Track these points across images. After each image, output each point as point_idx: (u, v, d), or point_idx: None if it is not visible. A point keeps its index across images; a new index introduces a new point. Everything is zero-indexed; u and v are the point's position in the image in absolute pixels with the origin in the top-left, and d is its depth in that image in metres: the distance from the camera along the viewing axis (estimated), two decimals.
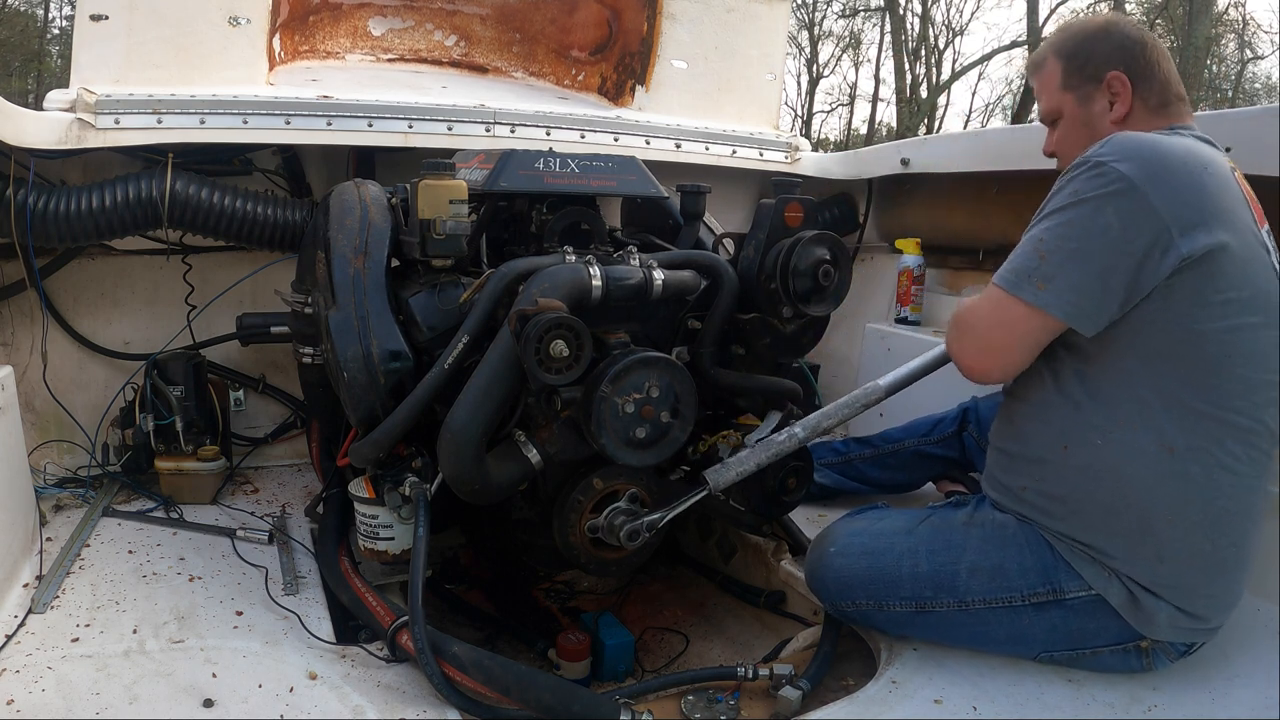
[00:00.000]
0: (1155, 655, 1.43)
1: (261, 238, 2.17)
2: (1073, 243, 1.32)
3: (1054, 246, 1.34)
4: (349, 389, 1.60)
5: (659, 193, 1.97)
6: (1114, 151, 1.33)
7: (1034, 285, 1.34)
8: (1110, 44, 1.49)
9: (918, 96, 21.60)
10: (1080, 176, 1.34)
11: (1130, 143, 1.34)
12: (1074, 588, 1.42)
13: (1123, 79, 1.47)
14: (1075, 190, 1.34)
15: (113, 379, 2.34)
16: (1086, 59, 1.50)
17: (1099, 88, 1.50)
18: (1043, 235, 1.36)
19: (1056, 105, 1.56)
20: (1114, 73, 1.47)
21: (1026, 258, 1.37)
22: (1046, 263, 1.34)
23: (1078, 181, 1.34)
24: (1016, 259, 1.39)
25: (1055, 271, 1.33)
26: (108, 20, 2.06)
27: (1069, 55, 1.53)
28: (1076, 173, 1.36)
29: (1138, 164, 1.30)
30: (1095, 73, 1.49)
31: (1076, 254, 1.32)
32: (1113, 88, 1.48)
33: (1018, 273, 1.37)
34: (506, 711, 1.34)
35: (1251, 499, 1.40)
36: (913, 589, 1.48)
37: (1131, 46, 1.48)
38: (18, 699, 1.29)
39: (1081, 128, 1.53)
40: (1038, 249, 1.35)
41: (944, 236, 2.78)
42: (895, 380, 1.74)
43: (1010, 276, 1.37)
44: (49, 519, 1.94)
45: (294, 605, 1.62)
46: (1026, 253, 1.37)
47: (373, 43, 2.87)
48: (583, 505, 1.64)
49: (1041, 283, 1.33)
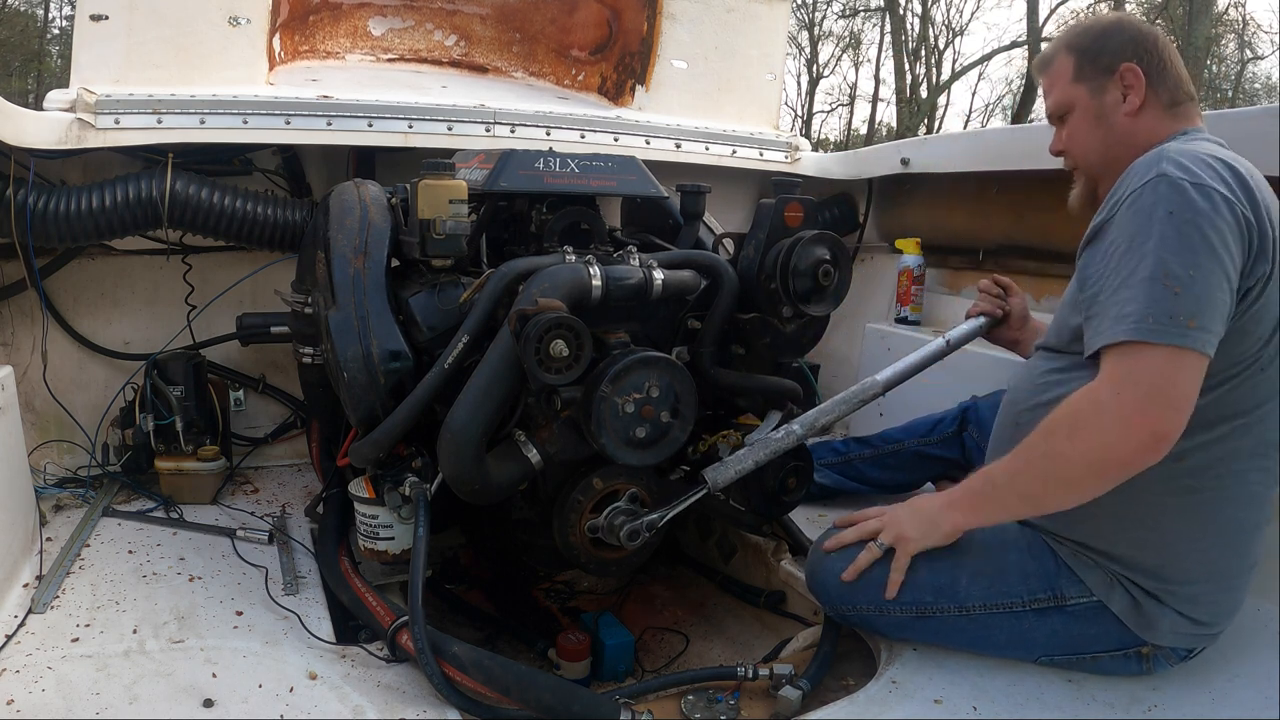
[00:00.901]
0: (1156, 660, 1.43)
1: (261, 238, 2.17)
2: (1200, 267, 1.21)
3: (1184, 277, 1.21)
4: (349, 389, 1.60)
5: (659, 193, 1.97)
6: (1182, 165, 1.26)
7: (1183, 326, 1.20)
8: (1123, 36, 1.46)
9: (918, 96, 21.60)
10: (1163, 198, 1.24)
11: (1189, 157, 1.28)
12: (1075, 593, 1.42)
13: (1136, 71, 1.43)
14: (1170, 213, 1.23)
15: (113, 379, 2.34)
16: (1099, 51, 1.47)
17: (1112, 79, 1.45)
18: (1164, 267, 1.22)
19: (1068, 99, 1.51)
20: (1128, 64, 1.44)
21: (1158, 298, 1.21)
22: (1184, 296, 1.21)
23: (1163, 203, 1.24)
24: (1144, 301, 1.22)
25: (1196, 305, 1.21)
26: (108, 20, 2.06)
27: (1081, 49, 1.49)
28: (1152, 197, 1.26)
29: (1216, 176, 1.25)
30: (1109, 64, 1.45)
31: (1209, 277, 1.21)
32: (1126, 79, 1.44)
33: (1156, 316, 1.21)
34: (506, 711, 1.34)
35: (1261, 508, 1.40)
36: (913, 594, 1.47)
37: (1144, 40, 1.45)
38: (18, 699, 1.29)
39: (1095, 121, 1.48)
40: (1166, 284, 1.21)
41: (944, 236, 2.78)
42: (893, 376, 1.75)
43: (1149, 324, 1.21)
44: (49, 519, 1.94)
45: (294, 605, 1.62)
46: (1155, 294, 1.22)
47: (373, 43, 2.87)
48: (583, 505, 1.64)
49: (1190, 320, 1.20)
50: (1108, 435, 1.24)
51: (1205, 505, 1.35)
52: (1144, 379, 1.22)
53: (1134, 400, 1.22)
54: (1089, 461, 1.27)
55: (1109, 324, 1.26)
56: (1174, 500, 1.35)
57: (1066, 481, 1.31)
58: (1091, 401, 1.27)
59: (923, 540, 1.46)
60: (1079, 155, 1.53)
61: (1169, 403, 1.22)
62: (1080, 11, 17.75)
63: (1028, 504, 1.39)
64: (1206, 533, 1.36)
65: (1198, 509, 1.35)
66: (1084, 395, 1.28)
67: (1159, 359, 1.21)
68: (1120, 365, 1.24)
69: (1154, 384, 1.22)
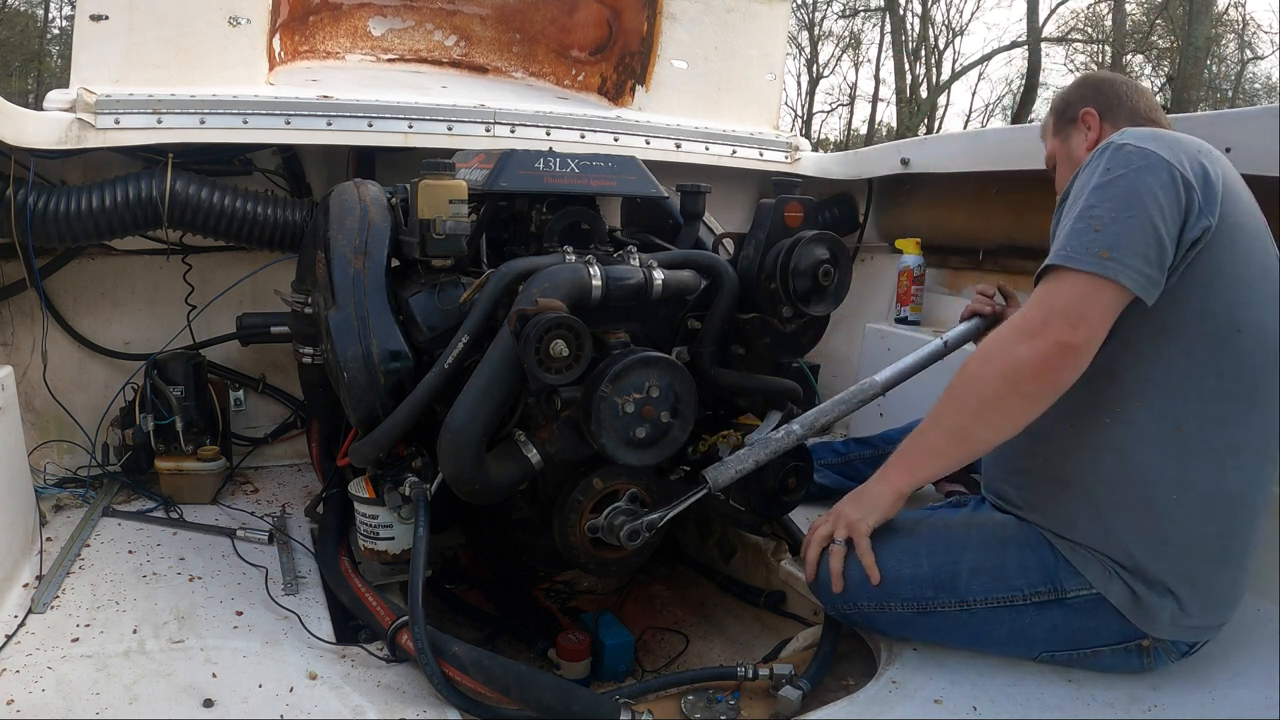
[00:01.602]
0: (1156, 655, 1.43)
1: (261, 238, 2.17)
2: (1123, 210, 1.31)
3: (1106, 218, 1.32)
4: (349, 389, 1.60)
5: (659, 193, 1.97)
6: (1130, 137, 1.37)
7: (1097, 255, 1.30)
8: (1083, 89, 1.68)
9: (918, 96, 21.60)
10: (1105, 159, 1.37)
11: (1140, 130, 1.41)
12: (1075, 586, 1.42)
13: (1092, 113, 1.63)
14: (1107, 169, 1.35)
15: (113, 379, 2.34)
16: (1065, 106, 1.69)
17: (1076, 126, 1.66)
18: (1092, 210, 1.34)
19: (1051, 151, 1.74)
20: (1085, 110, 1.64)
21: (1080, 234, 1.33)
22: (1104, 233, 1.31)
23: (1104, 163, 1.36)
24: (1069, 237, 1.34)
25: (1114, 240, 1.30)
26: (108, 20, 2.06)
27: (1055, 110, 1.72)
28: (1099, 160, 1.38)
29: (1157, 143, 1.35)
30: (1072, 114, 1.66)
31: (1130, 220, 1.30)
32: (1086, 122, 1.64)
33: (1074, 247, 1.33)
34: (506, 711, 1.34)
35: (1258, 484, 1.41)
36: (914, 590, 1.48)
37: (1100, 85, 1.66)
38: (18, 699, 1.29)
39: (1066, 161, 1.68)
40: (1090, 224, 1.33)
41: (944, 236, 2.78)
42: (892, 376, 1.75)
43: (1067, 253, 1.33)
44: (49, 519, 1.94)
45: (294, 605, 1.62)
46: (1078, 230, 1.33)
47: (373, 43, 2.87)
48: (583, 505, 1.64)
49: (1105, 251, 1.30)
50: (1017, 348, 1.34)
51: (1201, 475, 1.37)
52: (1054, 300, 1.33)
53: (1040, 315, 1.33)
54: (1002, 374, 1.35)
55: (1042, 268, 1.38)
56: (1171, 468, 1.37)
57: (985, 401, 1.37)
58: (1006, 326, 1.41)
59: (869, 517, 1.51)
60: None
61: (1074, 317, 1.30)
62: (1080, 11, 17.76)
63: (957, 440, 1.43)
64: (1202, 503, 1.37)
65: (1194, 479, 1.37)
66: (1005, 325, 1.42)
67: (1072, 283, 1.32)
68: (1037, 292, 1.36)
69: (1061, 304, 1.32)
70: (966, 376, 1.40)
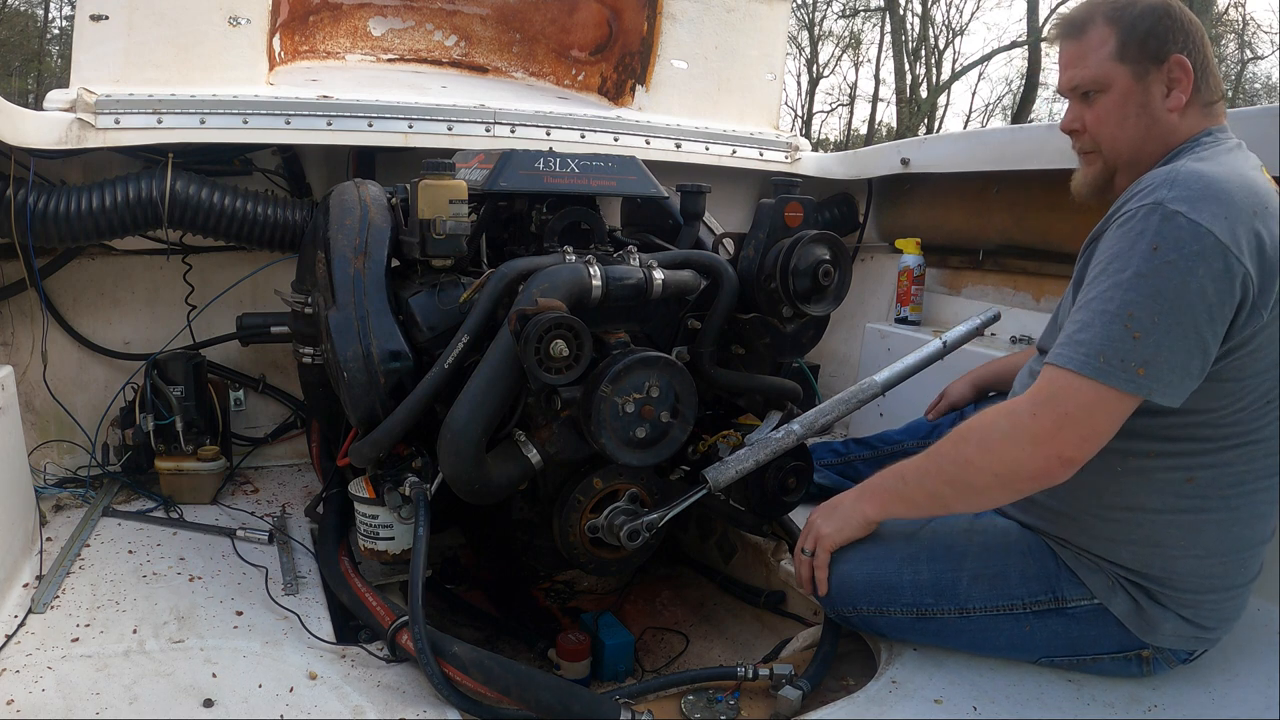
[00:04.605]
0: (1156, 663, 1.43)
1: (261, 238, 2.17)
2: (1168, 316, 1.17)
3: (1147, 322, 1.18)
4: (349, 389, 1.60)
5: (659, 193, 1.97)
6: (1183, 200, 1.19)
7: (1132, 371, 1.18)
8: (1173, 23, 1.34)
9: (918, 96, 21.60)
10: (1153, 231, 1.20)
11: (1197, 186, 1.21)
12: (1076, 596, 1.41)
13: (1186, 65, 1.33)
14: (1154, 248, 1.18)
15: (113, 379, 2.34)
16: (1148, 33, 1.34)
17: (1159, 69, 1.34)
18: (1130, 308, 1.19)
19: (1105, 76, 1.37)
20: (1178, 56, 1.33)
21: (1116, 339, 1.19)
22: (1142, 343, 1.18)
23: (1151, 237, 1.19)
24: (1100, 337, 1.20)
25: (1154, 354, 1.18)
26: (108, 20, 2.06)
27: (1128, 25, 1.35)
28: (1144, 225, 1.21)
29: (1214, 212, 1.18)
30: (1158, 50, 1.34)
31: (1174, 329, 1.17)
32: (1173, 73, 1.34)
33: (1107, 356, 1.19)
34: (506, 711, 1.34)
35: (1267, 523, 1.39)
36: (913, 595, 1.47)
37: (1193, 32, 1.35)
38: (18, 699, 1.29)
39: (1137, 110, 1.36)
40: (1128, 327, 1.18)
41: (944, 236, 2.78)
42: (892, 376, 1.75)
43: (1098, 362, 1.20)
44: (49, 519, 1.94)
45: (294, 605, 1.62)
46: (1114, 333, 1.19)
47: (373, 43, 2.87)
48: (583, 505, 1.64)
49: (1141, 368, 1.18)
50: (1018, 451, 1.26)
51: (1212, 524, 1.34)
52: (1063, 406, 1.23)
53: (1050, 423, 1.23)
54: (995, 472, 1.30)
55: (1061, 343, 1.25)
56: (1181, 518, 1.34)
57: (972, 487, 1.34)
58: (1009, 415, 1.29)
59: (837, 534, 1.51)
60: (1106, 141, 1.41)
61: (1087, 431, 1.23)
62: None
63: (935, 503, 1.41)
64: (1212, 550, 1.35)
65: (1205, 527, 1.34)
66: (1003, 409, 1.31)
67: (1087, 393, 1.22)
68: (1051, 385, 1.25)
69: (1071, 414, 1.22)
70: (961, 459, 1.33)
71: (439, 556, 2.22)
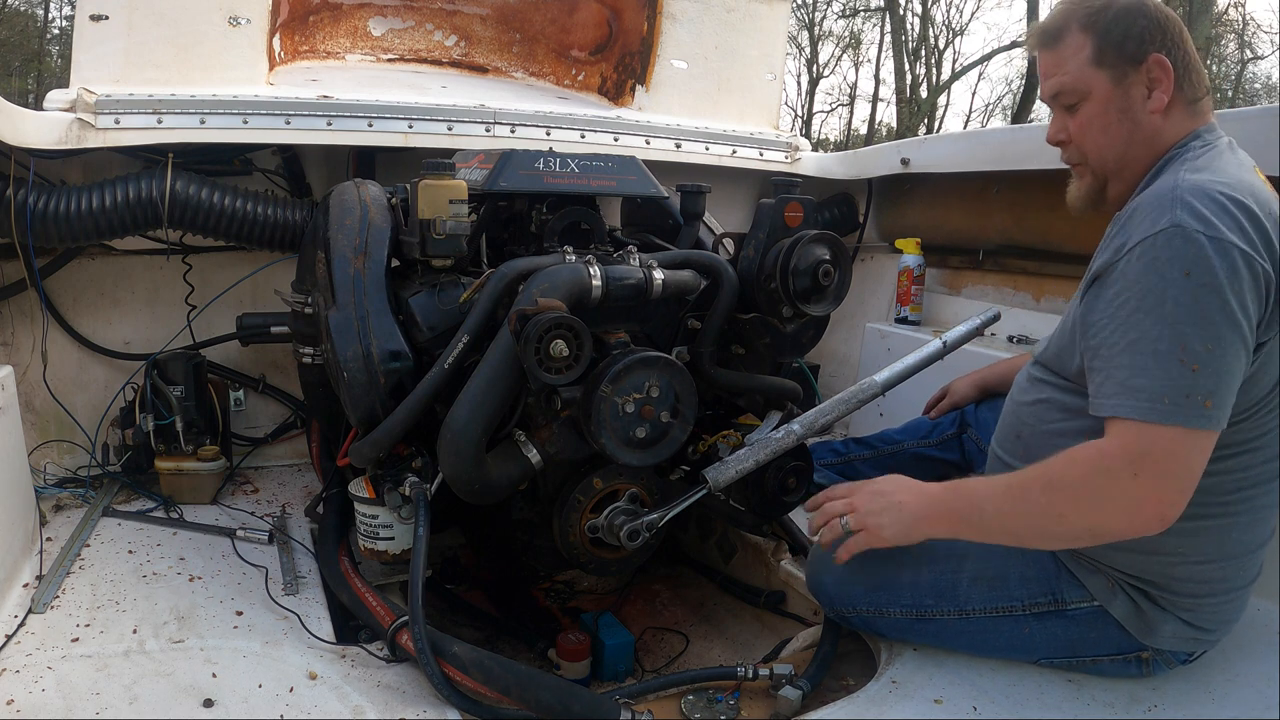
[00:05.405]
0: (1155, 665, 1.43)
1: (261, 238, 2.17)
2: (1219, 341, 1.16)
3: (1201, 353, 1.16)
4: (349, 389, 1.60)
5: (659, 193, 1.97)
6: (1199, 215, 1.18)
7: (1200, 406, 1.16)
8: (1148, 22, 1.32)
9: (918, 96, 21.61)
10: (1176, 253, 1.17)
11: (1205, 200, 1.19)
12: (1075, 598, 1.41)
13: (1165, 64, 1.31)
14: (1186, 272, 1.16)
15: (113, 379, 2.34)
16: (1124, 35, 1.32)
17: (1137, 71, 1.33)
18: (1182, 340, 1.16)
19: (1084, 83, 1.35)
20: (1156, 55, 1.31)
21: (1176, 376, 1.16)
22: (1202, 375, 1.16)
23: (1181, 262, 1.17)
24: (1159, 380, 1.17)
25: (1215, 384, 1.16)
26: (108, 20, 2.06)
27: (1103, 29, 1.33)
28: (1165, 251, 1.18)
29: (1234, 226, 1.18)
30: (1135, 52, 1.32)
31: (1226, 352, 1.16)
32: (1152, 73, 1.32)
33: (1173, 397, 1.16)
34: (506, 711, 1.34)
35: (1266, 526, 1.39)
36: (913, 596, 1.47)
37: (1170, 29, 1.33)
38: (18, 699, 1.29)
39: (1118, 114, 1.35)
40: (1184, 360, 1.16)
41: (944, 236, 2.78)
42: (891, 376, 1.75)
43: (1164, 405, 1.16)
44: (49, 519, 1.94)
45: (294, 605, 1.62)
46: (1171, 370, 1.16)
47: (373, 43, 2.87)
48: (583, 505, 1.64)
49: (1208, 400, 1.16)
50: (1118, 513, 1.21)
51: (1211, 530, 1.34)
52: (1161, 463, 1.18)
53: (1151, 483, 1.18)
54: (1089, 527, 1.25)
55: (1117, 391, 1.20)
56: (1180, 525, 1.32)
57: (1059, 537, 1.31)
58: (1106, 475, 1.21)
59: (892, 540, 1.39)
60: (1091, 151, 1.40)
61: (1182, 487, 1.19)
62: None
63: (1010, 539, 1.36)
64: (1212, 554, 1.35)
65: (1203, 533, 1.34)
66: (1097, 464, 1.22)
67: (1175, 441, 1.17)
68: (1137, 443, 1.19)
69: (1170, 469, 1.18)
70: (1054, 512, 1.26)
71: (439, 556, 2.22)
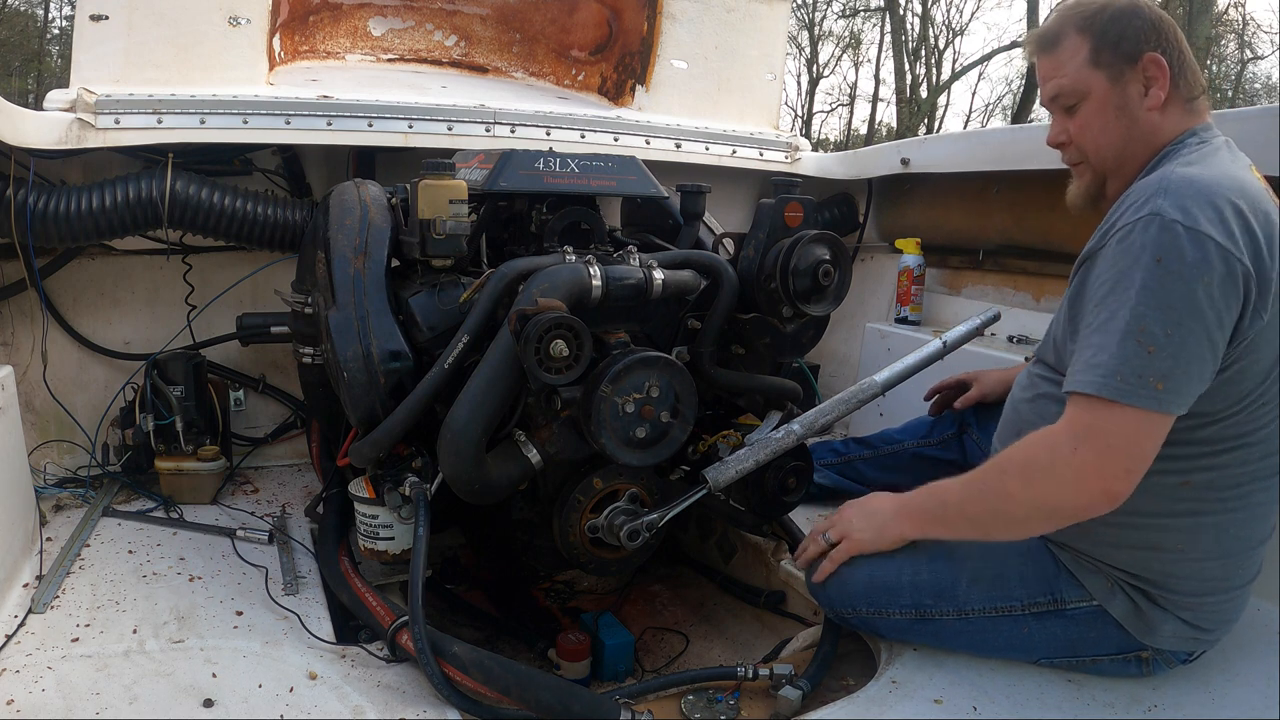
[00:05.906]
0: (1155, 664, 1.43)
1: (261, 238, 2.17)
2: (1179, 327, 1.17)
3: (1160, 336, 1.18)
4: (349, 389, 1.60)
5: (659, 193, 1.97)
6: (1177, 207, 1.20)
7: (1150, 387, 1.18)
8: (1142, 22, 1.36)
9: (918, 96, 21.61)
10: (1153, 241, 1.19)
11: (1189, 191, 1.21)
12: (1075, 598, 1.41)
13: (1161, 62, 1.34)
14: (1157, 260, 1.18)
15: (113, 379, 2.34)
16: (1120, 36, 1.35)
17: (1133, 69, 1.35)
18: (1143, 322, 1.18)
19: (1082, 84, 1.39)
20: (1151, 54, 1.34)
21: (1131, 357, 1.19)
22: (1158, 357, 1.18)
23: (1153, 248, 1.19)
24: (1116, 356, 1.19)
25: (1170, 367, 1.18)
26: (108, 20, 2.06)
27: (1099, 31, 1.37)
28: (1143, 237, 1.20)
29: (1214, 220, 1.19)
30: (1131, 51, 1.35)
31: (1187, 339, 1.18)
32: (1149, 71, 1.35)
33: (1124, 375, 1.19)
34: (506, 711, 1.34)
35: (1265, 523, 1.39)
36: (913, 597, 1.47)
37: (1164, 29, 1.36)
38: (18, 699, 1.29)
39: (1116, 113, 1.37)
40: (1142, 342, 1.18)
41: (944, 236, 2.78)
42: (891, 376, 1.75)
43: (1115, 381, 1.19)
44: (49, 519, 1.94)
45: (294, 605, 1.62)
46: (1128, 351, 1.19)
47: (373, 43, 2.87)
48: (583, 505, 1.64)
49: (1160, 382, 1.18)
50: (1061, 487, 1.25)
51: (1210, 527, 1.34)
52: (1105, 439, 1.21)
53: (1093, 458, 1.21)
54: (1038, 506, 1.29)
55: (1079, 369, 1.24)
56: (1179, 522, 1.34)
57: (1013, 519, 1.34)
58: (1049, 450, 1.26)
59: (870, 544, 1.49)
60: (1091, 149, 1.42)
61: (1127, 465, 1.21)
62: None
63: (975, 530, 1.41)
64: (1210, 551, 1.35)
65: (1202, 530, 1.34)
66: (1043, 441, 1.27)
67: (1123, 419, 1.20)
68: (1083, 418, 1.23)
69: (1114, 445, 1.21)
70: (1003, 492, 1.31)
71: (439, 556, 2.22)
